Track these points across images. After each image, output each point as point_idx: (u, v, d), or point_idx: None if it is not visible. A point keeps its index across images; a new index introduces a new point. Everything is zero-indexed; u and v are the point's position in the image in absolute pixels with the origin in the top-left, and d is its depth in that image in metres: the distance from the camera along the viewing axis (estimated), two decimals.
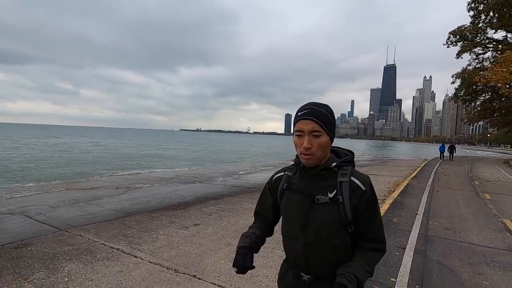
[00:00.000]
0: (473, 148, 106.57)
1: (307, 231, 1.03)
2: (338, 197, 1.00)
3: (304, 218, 1.04)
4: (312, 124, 0.98)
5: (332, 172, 1.03)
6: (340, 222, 1.00)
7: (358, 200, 1.00)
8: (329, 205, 1.00)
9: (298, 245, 1.05)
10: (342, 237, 1.02)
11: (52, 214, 6.38)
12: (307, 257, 1.04)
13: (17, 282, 3.10)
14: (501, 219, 5.67)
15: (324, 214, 1.01)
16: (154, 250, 3.96)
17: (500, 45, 20.76)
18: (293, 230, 1.07)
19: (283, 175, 1.14)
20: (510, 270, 3.42)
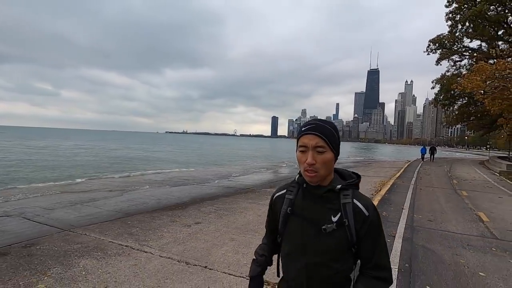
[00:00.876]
0: (452, 150, 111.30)
1: (309, 256, 1.00)
2: (344, 220, 0.97)
3: (308, 243, 1.01)
4: (316, 139, 0.96)
5: (336, 194, 1.00)
6: (347, 245, 0.98)
7: (361, 224, 0.98)
8: (336, 232, 0.97)
9: (298, 267, 1.02)
10: (346, 259, 1.00)
11: (51, 215, 6.42)
12: (307, 280, 1.01)
13: (36, 276, 3.26)
14: (475, 212, 6.44)
15: (331, 241, 0.98)
16: (162, 246, 4.18)
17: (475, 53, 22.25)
18: (295, 254, 1.04)
19: (284, 195, 1.10)
20: (481, 251, 4.11)
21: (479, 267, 3.58)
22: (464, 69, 23.35)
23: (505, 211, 6.75)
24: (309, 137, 0.97)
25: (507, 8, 19.74)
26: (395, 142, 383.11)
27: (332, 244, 0.97)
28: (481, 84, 10.09)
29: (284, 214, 1.07)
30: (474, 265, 3.63)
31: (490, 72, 9.71)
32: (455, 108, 27.30)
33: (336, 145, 0.99)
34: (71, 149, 33.99)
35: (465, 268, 3.53)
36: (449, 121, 29.53)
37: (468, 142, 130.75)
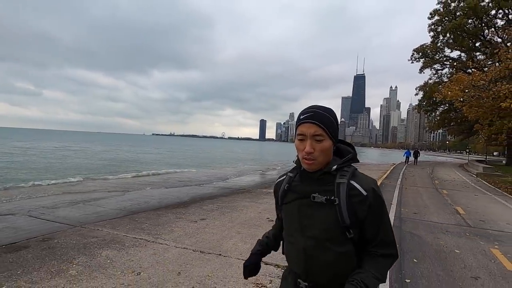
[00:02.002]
0: (434, 154, 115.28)
1: (306, 235, 1.00)
2: (334, 198, 0.95)
3: (303, 221, 1.01)
4: (314, 127, 0.95)
5: (332, 175, 0.99)
6: (337, 226, 0.95)
7: (358, 205, 0.95)
8: (326, 207, 0.96)
9: (297, 250, 1.03)
10: (342, 243, 0.97)
11: (56, 214, 6.59)
12: (306, 263, 1.00)
13: (64, 265, 3.56)
14: (454, 207, 7.54)
15: (320, 216, 0.97)
16: (175, 239, 4.54)
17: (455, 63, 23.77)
18: (293, 233, 1.05)
19: (284, 178, 1.12)
20: (457, 236, 5.09)
21: (455, 246, 4.48)
22: (445, 77, 24.89)
23: (479, 206, 7.83)
24: (307, 126, 0.96)
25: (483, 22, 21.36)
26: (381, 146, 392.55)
27: (323, 221, 0.96)
28: (459, 93, 11.16)
29: (283, 191, 1.09)
30: (451, 245, 4.53)
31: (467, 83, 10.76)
32: (437, 114, 28.82)
33: (334, 133, 0.99)
34: (58, 150, 33.26)
35: (444, 247, 4.40)
36: (431, 126, 31.07)
37: (449, 147, 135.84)
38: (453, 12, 21.86)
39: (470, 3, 19.76)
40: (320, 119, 0.96)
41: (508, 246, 4.61)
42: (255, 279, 3.10)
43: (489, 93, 9.36)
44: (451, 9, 21.99)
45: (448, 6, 22.12)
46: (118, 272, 3.30)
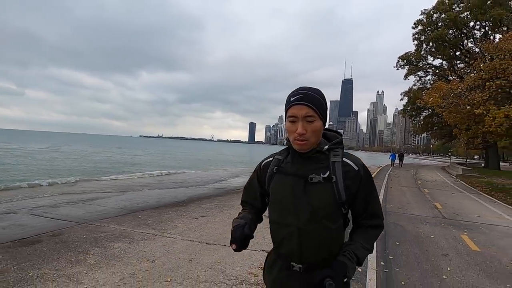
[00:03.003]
0: (418, 157, 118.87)
1: (300, 215, 0.99)
2: (332, 176, 0.98)
3: (298, 201, 1.00)
4: (306, 109, 0.96)
5: (324, 154, 1.02)
6: (334, 202, 0.98)
7: (352, 180, 0.99)
8: (323, 185, 0.98)
9: (290, 232, 1.01)
10: (337, 219, 1.00)
11: (58, 212, 6.75)
12: (300, 244, 1.00)
13: (81, 255, 3.84)
14: (433, 203, 8.57)
15: (318, 195, 0.98)
16: (181, 233, 4.88)
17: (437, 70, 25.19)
18: (285, 215, 1.03)
19: (272, 160, 1.11)
20: (434, 225, 5.97)
21: (431, 233, 5.35)
22: (428, 84, 26.29)
23: (455, 202, 8.93)
24: (298, 107, 0.96)
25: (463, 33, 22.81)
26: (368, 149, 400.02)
27: (321, 199, 0.98)
28: (439, 100, 12.10)
29: (270, 174, 1.08)
30: (427, 232, 5.41)
31: (446, 90, 11.69)
32: (421, 118, 30.16)
33: (324, 113, 1.00)
34: (46, 152, 32.58)
35: (421, 233, 5.29)
36: (416, 130, 32.46)
37: (433, 150, 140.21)
38: (435, 22, 23.29)
39: (451, 15, 21.15)
40: (310, 100, 0.97)
41: (475, 233, 5.51)
42: (260, 263, 3.51)
43: (465, 101, 10.25)
44: (433, 19, 23.42)
45: (431, 17, 23.54)
46: (134, 261, 3.63)
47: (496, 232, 5.64)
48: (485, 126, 9.40)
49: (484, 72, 9.06)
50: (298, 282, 1.01)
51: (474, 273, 3.56)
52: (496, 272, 3.65)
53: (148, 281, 3.07)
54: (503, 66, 8.41)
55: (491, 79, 8.75)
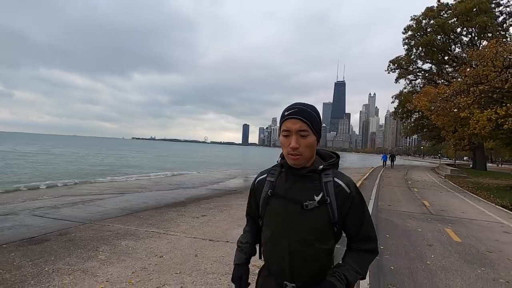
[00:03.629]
0: (409, 159, 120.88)
1: (293, 239, 1.00)
2: (326, 198, 0.98)
3: (292, 225, 1.00)
4: (299, 123, 0.97)
5: (317, 174, 1.02)
6: (328, 223, 0.99)
7: (343, 201, 0.99)
8: (318, 209, 0.99)
9: (282, 252, 1.02)
10: (329, 238, 1.01)
11: (60, 213, 6.87)
12: (292, 264, 1.00)
13: (91, 252, 4.04)
14: (421, 201, 9.16)
15: (313, 219, 0.99)
16: (184, 231, 5.10)
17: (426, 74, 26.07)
18: (278, 237, 1.03)
19: (265, 179, 1.11)
20: (421, 220, 6.49)
21: (418, 227, 5.85)
22: (418, 87, 27.12)
23: (442, 200, 9.56)
24: (292, 121, 0.98)
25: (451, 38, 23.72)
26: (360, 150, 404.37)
27: (315, 222, 0.98)
28: (427, 104, 12.77)
29: (264, 197, 1.08)
30: (415, 226, 5.90)
31: (434, 95, 12.32)
32: (411, 120, 30.96)
33: (318, 129, 1.01)
34: (39, 154, 32.21)
35: (409, 227, 5.77)
36: (406, 132, 33.29)
37: (424, 151, 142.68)
38: (424, 28, 24.19)
39: (439, 21, 22.02)
40: (304, 115, 0.98)
41: (458, 226, 6.07)
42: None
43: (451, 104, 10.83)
44: (423, 25, 24.30)
45: (420, 23, 24.42)
46: (143, 256, 3.85)
47: (477, 226, 6.26)
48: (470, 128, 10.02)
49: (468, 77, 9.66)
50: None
51: (454, 260, 4.07)
52: (474, 258, 4.18)
53: (159, 273, 3.30)
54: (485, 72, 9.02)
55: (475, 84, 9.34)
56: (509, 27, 21.08)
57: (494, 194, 10.85)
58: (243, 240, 1.20)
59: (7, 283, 3.07)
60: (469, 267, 3.81)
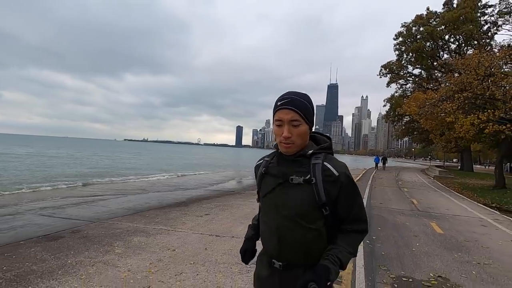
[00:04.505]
0: (401, 160, 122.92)
1: (279, 214, 1.04)
2: (311, 178, 1.01)
3: (278, 200, 1.05)
4: (291, 113, 0.99)
5: (307, 158, 1.05)
6: (313, 203, 1.01)
7: (331, 185, 1.01)
8: (303, 186, 1.02)
9: (271, 230, 1.07)
10: (315, 219, 1.02)
11: (66, 213, 7.10)
12: (279, 241, 1.04)
13: (106, 247, 4.34)
14: (410, 199, 9.95)
15: (297, 194, 1.02)
16: (191, 228, 5.44)
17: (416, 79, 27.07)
18: (268, 214, 1.09)
19: (262, 162, 1.17)
20: (409, 216, 7.22)
21: (407, 221, 6.54)
22: (409, 91, 28.09)
23: (429, 199, 10.38)
24: (284, 112, 1.00)
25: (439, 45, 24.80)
26: (353, 152, 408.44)
27: (299, 199, 1.01)
28: (416, 109, 13.56)
29: (260, 175, 1.15)
30: (404, 221, 6.59)
31: (422, 100, 13.10)
32: (402, 124, 31.89)
33: (310, 117, 1.03)
34: (33, 156, 31.90)
35: (399, 222, 6.47)
36: (398, 134, 34.21)
37: (415, 154, 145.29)
38: (414, 35, 25.22)
39: (428, 28, 23.09)
40: (296, 105, 1.00)
41: (442, 221, 6.80)
42: None
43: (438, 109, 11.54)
44: (413, 32, 25.31)
45: (410, 30, 25.45)
46: (156, 250, 4.19)
47: (458, 221, 6.97)
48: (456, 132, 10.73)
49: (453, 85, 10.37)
50: (278, 279, 1.06)
51: (436, 247, 4.74)
52: (452, 246, 4.86)
53: (174, 264, 3.65)
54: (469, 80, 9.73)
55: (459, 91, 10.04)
56: (493, 35, 22.30)
57: (477, 194, 11.60)
58: (256, 217, 1.30)
59: (36, 273, 3.38)
60: (447, 253, 4.45)
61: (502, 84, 9.64)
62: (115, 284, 3.08)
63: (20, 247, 4.32)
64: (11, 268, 3.52)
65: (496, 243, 5.19)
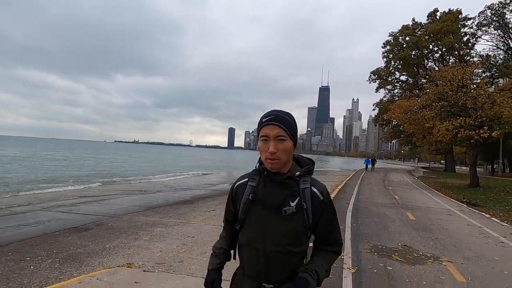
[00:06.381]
0: (391, 162, 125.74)
1: (269, 243, 1.04)
2: (302, 203, 1.04)
3: (269, 231, 1.05)
4: (277, 129, 1.02)
5: (295, 181, 1.07)
6: (304, 228, 1.05)
7: (317, 208, 1.06)
8: (296, 215, 1.04)
9: (257, 255, 1.06)
10: (303, 243, 1.07)
11: (83, 209, 7.60)
12: (267, 267, 1.05)
13: (134, 235, 5.03)
14: (393, 195, 11.33)
15: (290, 225, 1.04)
16: (203, 221, 6.18)
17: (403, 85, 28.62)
18: (254, 241, 1.07)
19: (246, 183, 1.13)
20: (390, 208, 8.44)
21: (387, 211, 7.81)
22: (396, 96, 29.57)
23: (410, 195, 11.71)
24: (270, 127, 1.03)
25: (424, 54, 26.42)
26: (344, 154, 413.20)
27: (292, 227, 1.04)
28: (399, 115, 14.95)
29: (245, 201, 1.10)
30: (385, 211, 7.88)
31: (405, 107, 14.41)
32: (390, 127, 33.35)
33: (294, 134, 1.07)
34: (28, 158, 31.83)
35: (381, 212, 7.74)
36: (386, 137, 35.69)
37: (404, 156, 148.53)
38: (401, 44, 26.77)
39: (413, 39, 24.76)
40: (281, 121, 1.04)
41: (416, 211, 8.06)
42: None
43: (419, 116, 12.80)
44: (400, 41, 26.85)
45: (397, 39, 27.03)
46: (178, 237, 4.95)
47: (430, 211, 8.27)
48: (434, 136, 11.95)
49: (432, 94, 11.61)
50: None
51: (407, 229, 6.04)
52: (420, 228, 6.17)
53: (197, 246, 4.43)
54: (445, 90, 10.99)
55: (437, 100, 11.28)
56: (473, 45, 23.91)
57: (453, 191, 12.90)
58: (218, 246, 1.23)
59: (84, 254, 4.10)
60: (415, 232, 5.80)
61: (472, 94, 10.90)
62: (154, 259, 3.84)
63: (58, 236, 4.99)
64: (60, 251, 4.23)
65: (454, 226, 6.50)
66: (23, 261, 3.81)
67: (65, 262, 3.78)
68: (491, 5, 20.18)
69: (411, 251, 4.53)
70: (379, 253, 4.36)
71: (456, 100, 10.76)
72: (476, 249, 4.82)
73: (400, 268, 3.81)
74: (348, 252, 4.30)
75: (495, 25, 20.33)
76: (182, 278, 3.20)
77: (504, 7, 19.68)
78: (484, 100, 10.85)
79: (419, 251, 4.54)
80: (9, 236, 5.18)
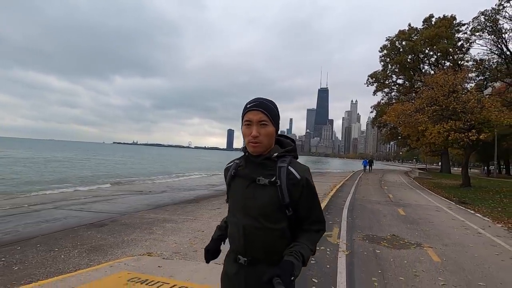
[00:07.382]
0: (389, 164, 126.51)
1: (246, 214, 1.10)
2: (276, 180, 1.08)
3: (245, 201, 1.11)
4: (260, 114, 1.07)
5: (273, 161, 1.12)
6: (277, 204, 1.08)
7: (294, 187, 1.08)
8: (268, 188, 1.09)
9: (237, 228, 1.13)
10: (279, 219, 1.09)
11: (95, 208, 7.98)
12: (244, 240, 1.11)
13: (147, 230, 5.47)
14: (387, 194, 12.00)
15: (262, 196, 1.09)
16: (210, 218, 6.60)
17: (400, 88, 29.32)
18: (235, 213, 1.15)
19: (232, 164, 1.23)
20: (384, 205, 9.07)
21: (380, 208, 8.46)
22: (394, 99, 30.24)
23: (403, 194, 12.38)
24: (254, 113, 1.08)
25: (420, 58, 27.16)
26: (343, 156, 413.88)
27: (265, 200, 1.09)
28: (394, 118, 15.63)
29: (229, 177, 1.21)
30: (378, 207, 8.52)
31: (400, 111, 15.04)
32: (387, 129, 33.96)
33: (276, 120, 1.12)
34: (30, 159, 32.16)
35: (375, 208, 8.35)
36: (384, 139, 36.32)
37: (402, 157, 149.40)
38: (397, 48, 27.53)
39: (409, 44, 25.49)
40: (264, 107, 1.09)
41: (407, 208, 8.66)
42: None
43: (413, 119, 13.40)
44: (396, 45, 27.62)
45: (394, 44, 27.83)
46: (189, 231, 5.39)
47: (420, 208, 8.89)
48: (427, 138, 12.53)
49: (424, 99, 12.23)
50: (243, 274, 1.13)
51: (397, 222, 6.67)
52: (408, 221, 6.79)
53: (208, 239, 4.68)
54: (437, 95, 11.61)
55: (429, 104, 11.89)
56: (467, 50, 24.59)
57: (445, 191, 13.46)
58: (223, 220, 1.36)
59: (106, 246, 4.54)
60: (404, 224, 6.45)
61: (462, 99, 11.51)
62: (170, 249, 4.29)
63: (78, 231, 5.42)
64: (84, 243, 4.67)
65: (440, 220, 7.13)
66: (52, 251, 4.25)
67: (91, 252, 4.22)
68: (485, 11, 20.86)
69: (398, 239, 5.16)
70: (370, 241, 5.00)
71: (447, 105, 11.39)
72: (455, 238, 5.46)
73: (387, 252, 4.41)
74: (343, 239, 4.93)
75: (489, 30, 20.97)
76: (198, 264, 3.67)
77: (497, 13, 20.33)
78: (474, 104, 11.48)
79: (404, 239, 5.18)
80: (31, 231, 5.61)
